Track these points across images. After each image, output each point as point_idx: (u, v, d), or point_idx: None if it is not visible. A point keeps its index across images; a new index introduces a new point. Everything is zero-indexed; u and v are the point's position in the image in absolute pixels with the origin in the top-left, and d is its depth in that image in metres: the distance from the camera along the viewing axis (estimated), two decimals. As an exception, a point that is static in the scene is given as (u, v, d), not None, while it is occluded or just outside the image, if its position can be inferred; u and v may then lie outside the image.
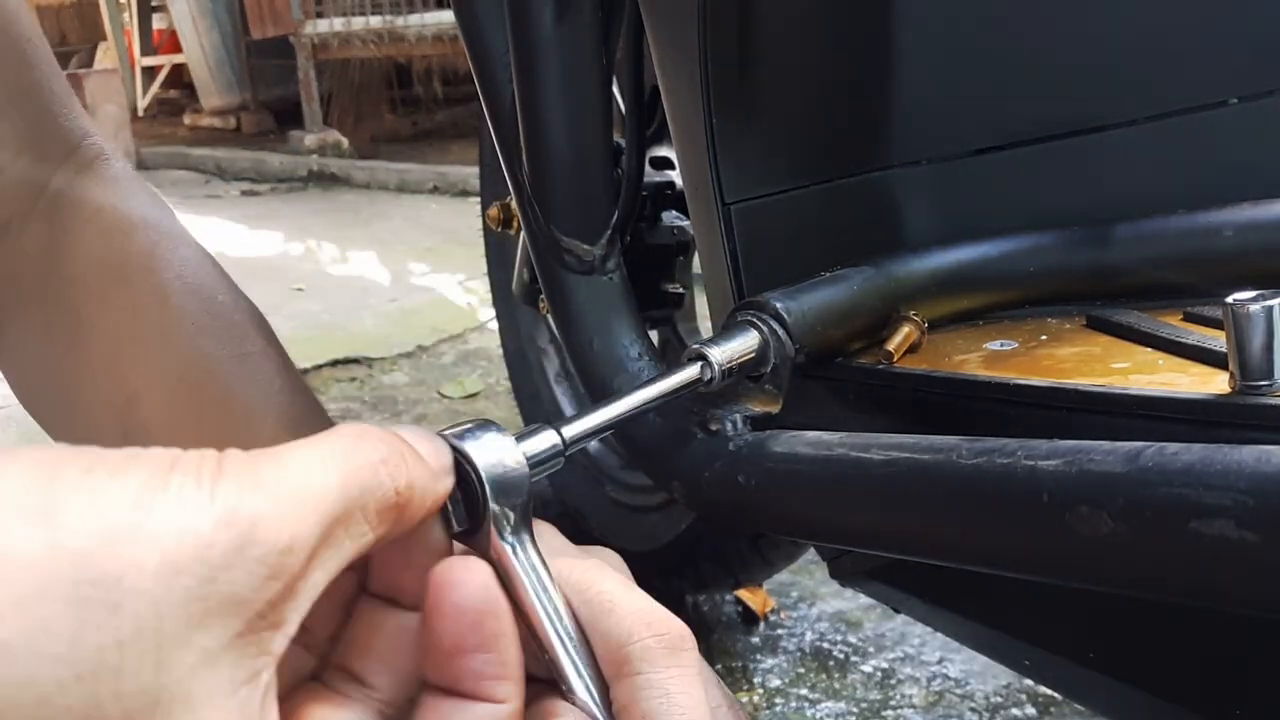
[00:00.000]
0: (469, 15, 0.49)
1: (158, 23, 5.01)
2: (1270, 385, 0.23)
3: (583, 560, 0.21)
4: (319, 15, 3.56)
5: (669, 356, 0.76)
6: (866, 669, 0.71)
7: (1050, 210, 0.36)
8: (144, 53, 5.07)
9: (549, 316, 0.51)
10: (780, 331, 0.32)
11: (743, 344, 0.30)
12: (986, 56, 0.37)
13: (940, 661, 0.71)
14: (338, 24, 3.50)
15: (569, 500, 0.89)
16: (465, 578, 0.18)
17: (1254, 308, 0.23)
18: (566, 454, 0.22)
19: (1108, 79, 0.37)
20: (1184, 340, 0.30)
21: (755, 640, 0.75)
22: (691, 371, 0.29)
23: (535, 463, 0.21)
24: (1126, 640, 0.30)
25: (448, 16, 3.14)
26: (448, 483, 0.19)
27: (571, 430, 0.23)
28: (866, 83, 0.37)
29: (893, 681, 0.70)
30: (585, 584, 0.20)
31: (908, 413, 0.33)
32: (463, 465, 0.19)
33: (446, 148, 3.61)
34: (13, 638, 0.13)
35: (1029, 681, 0.67)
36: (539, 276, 0.49)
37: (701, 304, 0.54)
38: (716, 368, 0.29)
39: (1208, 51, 0.36)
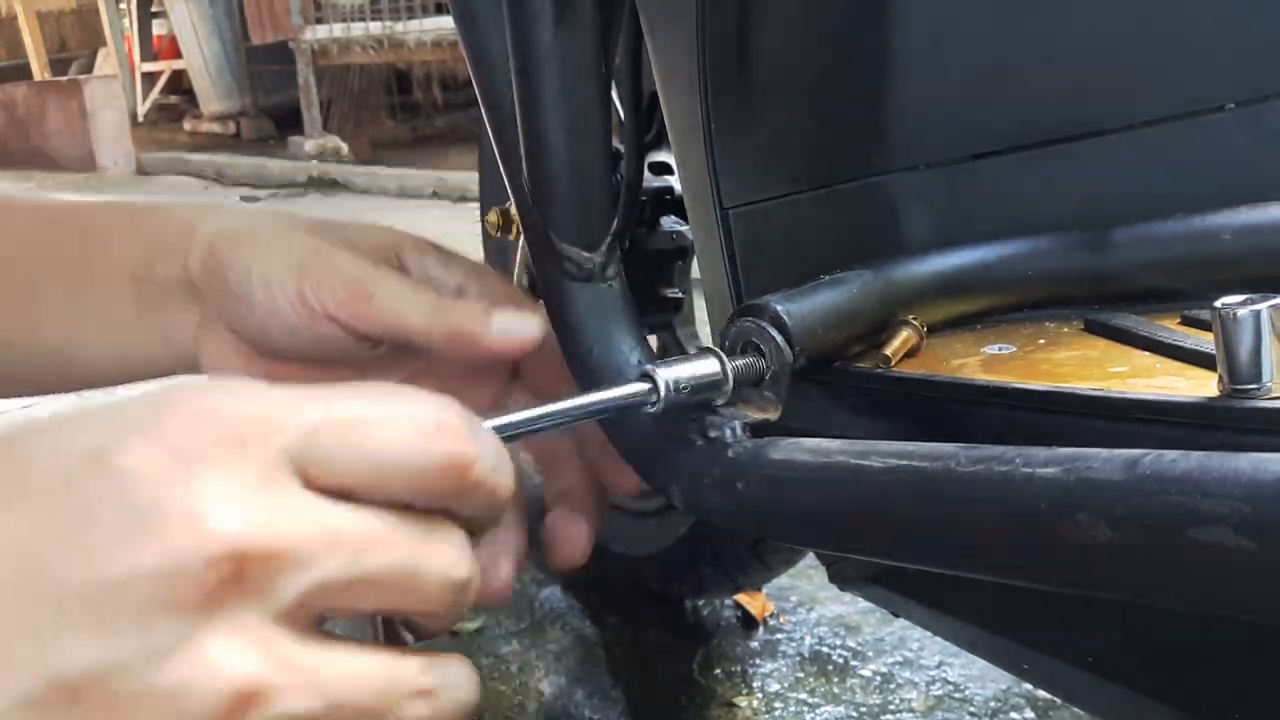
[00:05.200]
0: (468, 21, 0.49)
1: (158, 28, 5.03)
2: (1258, 389, 0.23)
3: None
4: (319, 21, 3.57)
5: (668, 361, 0.76)
6: (866, 673, 0.71)
7: (1048, 214, 0.36)
8: (144, 58, 5.09)
9: (548, 321, 0.51)
10: (778, 337, 0.32)
11: (697, 368, 0.30)
12: (984, 62, 0.37)
13: (939, 666, 0.71)
14: (337, 30, 3.52)
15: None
16: None
17: (1242, 312, 0.23)
18: None
19: (1105, 83, 0.37)
20: (1181, 344, 0.30)
21: (754, 645, 0.75)
22: (636, 388, 0.28)
23: None
24: (1125, 645, 0.30)
25: (447, 22, 3.15)
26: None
27: (490, 425, 0.24)
28: (864, 88, 0.37)
29: (892, 685, 0.70)
30: None
31: (906, 416, 0.33)
32: None
33: (446, 153, 3.62)
34: None
35: (1028, 686, 0.67)
36: (538, 283, 0.49)
37: (700, 309, 0.54)
38: (662, 388, 0.29)
39: (1205, 56, 0.36)
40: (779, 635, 0.76)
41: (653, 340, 0.76)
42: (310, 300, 0.28)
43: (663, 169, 0.63)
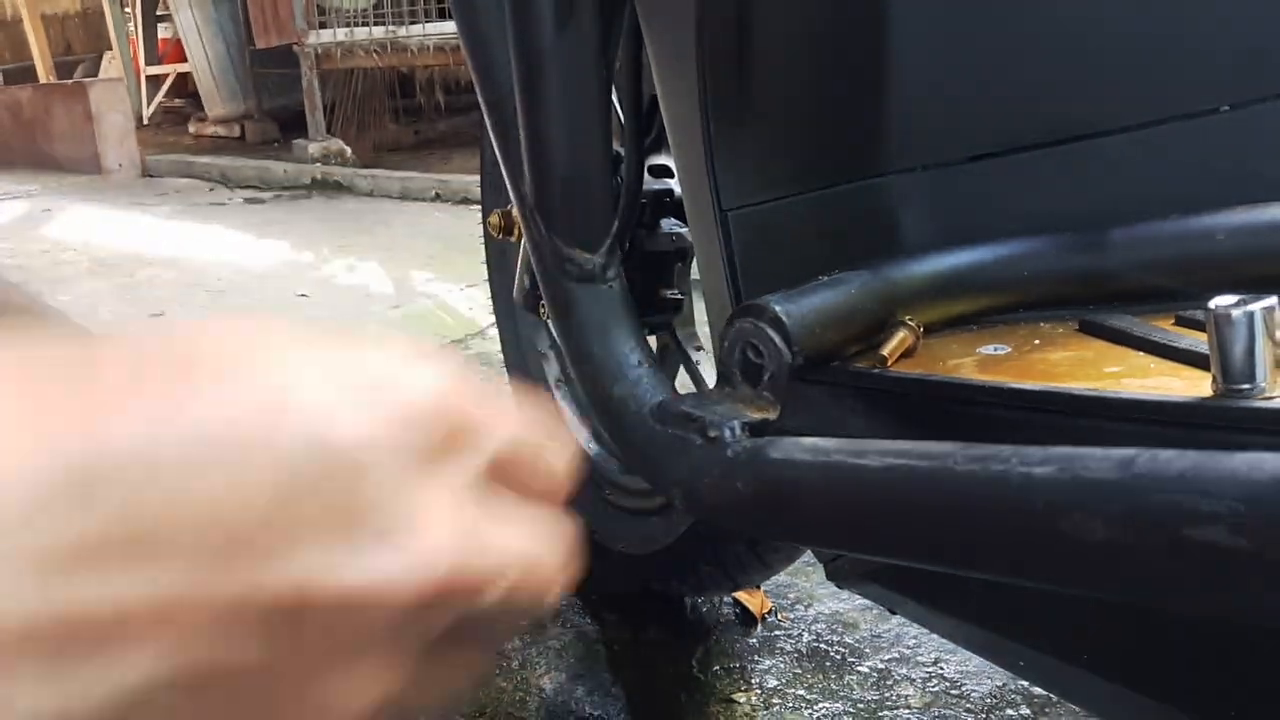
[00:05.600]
0: (471, 26, 0.49)
1: (163, 32, 5.04)
2: (1252, 389, 0.23)
3: None
4: (322, 25, 3.58)
5: (668, 362, 0.77)
6: (863, 669, 0.71)
7: (1045, 216, 0.36)
8: (149, 62, 5.11)
9: (549, 322, 0.51)
10: (777, 337, 0.32)
11: None
12: (981, 64, 0.37)
13: (936, 662, 0.71)
14: (341, 34, 3.52)
15: (569, 503, 0.89)
16: None
17: (1235, 313, 0.23)
18: None
19: (1101, 85, 0.37)
20: (1176, 344, 0.30)
21: (753, 641, 0.75)
22: None
23: None
24: (1121, 641, 0.30)
25: (449, 27, 3.16)
26: None
27: None
28: (863, 90, 0.38)
29: (889, 682, 0.70)
30: None
31: (903, 417, 0.33)
32: None
33: (448, 156, 3.62)
34: None
35: (1024, 682, 0.67)
36: (540, 284, 0.50)
37: (700, 309, 0.55)
38: None
39: (1200, 58, 0.36)
40: (777, 632, 0.76)
41: (652, 341, 0.76)
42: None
43: (662, 172, 0.63)
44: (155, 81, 5.17)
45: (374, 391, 0.15)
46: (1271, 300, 0.23)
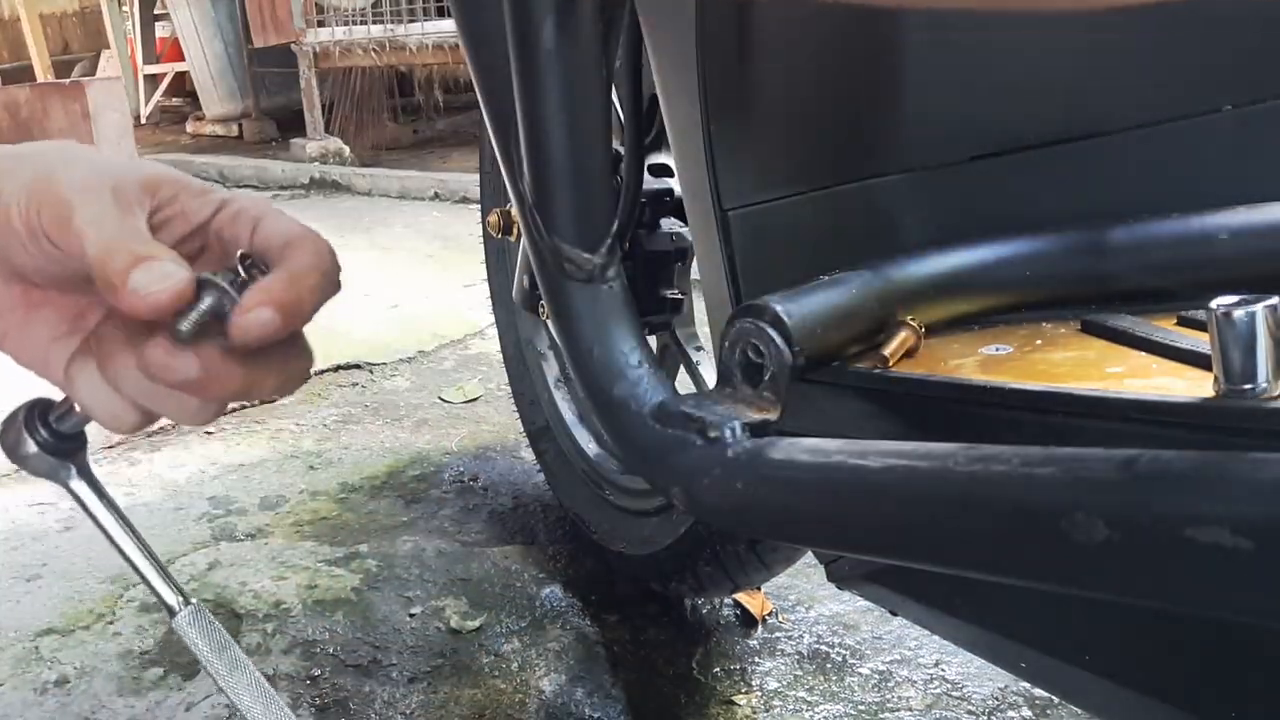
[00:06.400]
0: (471, 25, 0.49)
1: (160, 31, 5.03)
2: (1254, 389, 0.23)
3: None
4: (321, 24, 3.57)
5: (668, 362, 0.76)
6: (864, 671, 0.71)
7: (1045, 216, 0.36)
8: (147, 61, 5.10)
9: (548, 322, 0.51)
10: (778, 337, 0.32)
11: None
12: (981, 64, 0.37)
13: (937, 664, 0.71)
14: (339, 33, 3.51)
15: (569, 504, 0.89)
16: None
17: (1237, 312, 0.23)
18: None
19: (1102, 85, 0.37)
20: (1177, 344, 0.30)
21: (753, 643, 0.75)
22: None
23: None
24: (1122, 643, 0.30)
25: (448, 25, 3.15)
26: None
27: None
28: (863, 90, 0.38)
29: (890, 684, 0.70)
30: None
31: (904, 417, 0.33)
32: None
33: (447, 155, 3.62)
34: None
35: (1025, 684, 0.67)
36: (540, 284, 0.50)
37: (700, 309, 0.55)
38: None
39: (1201, 58, 0.36)
40: (778, 633, 0.76)
41: (652, 341, 0.76)
42: (31, 219, 0.27)
43: (662, 171, 0.63)
44: (153, 80, 5.16)
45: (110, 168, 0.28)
46: (1273, 300, 0.23)
